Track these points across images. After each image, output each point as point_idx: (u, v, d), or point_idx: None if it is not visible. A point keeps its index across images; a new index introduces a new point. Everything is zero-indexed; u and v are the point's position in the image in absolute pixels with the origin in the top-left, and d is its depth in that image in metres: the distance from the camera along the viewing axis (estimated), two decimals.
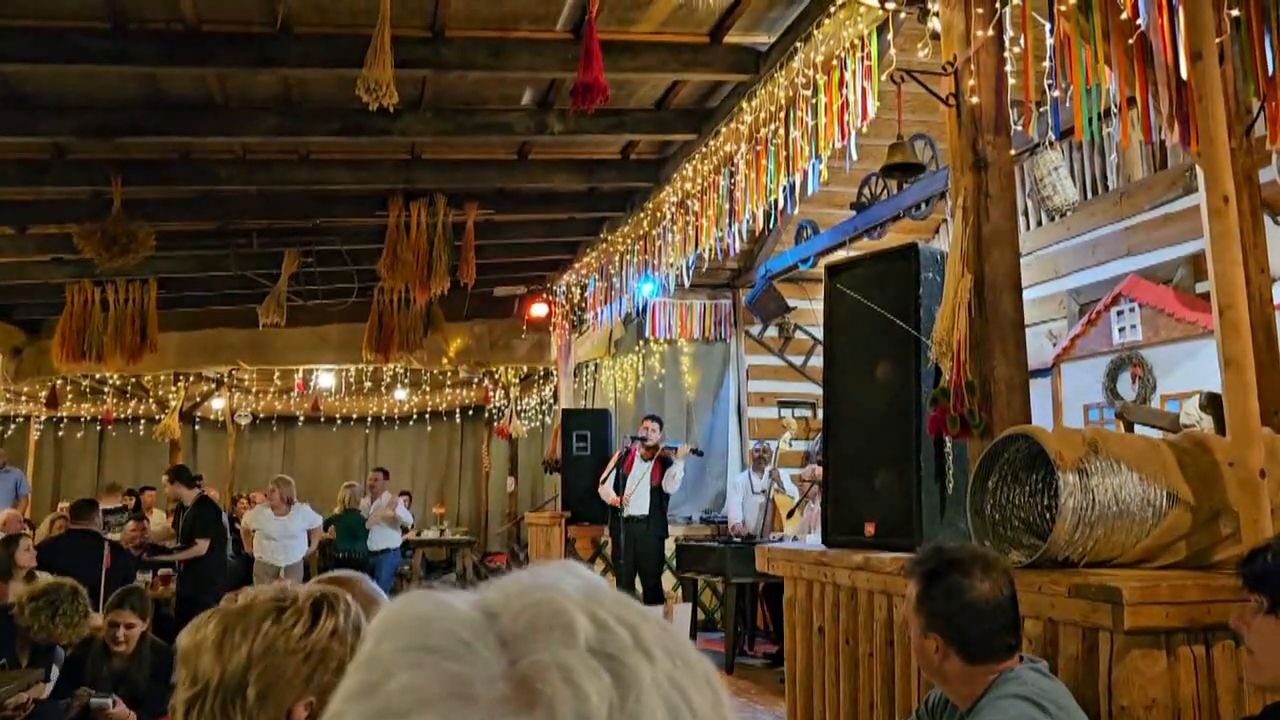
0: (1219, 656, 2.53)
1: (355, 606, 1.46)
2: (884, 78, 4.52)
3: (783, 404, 10.58)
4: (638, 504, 8.32)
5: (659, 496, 8.35)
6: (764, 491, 8.47)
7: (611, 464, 8.78)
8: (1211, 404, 3.56)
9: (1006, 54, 3.63)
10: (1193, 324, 6.19)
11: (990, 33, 3.57)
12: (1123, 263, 7.15)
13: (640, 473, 8.39)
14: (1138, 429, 4.40)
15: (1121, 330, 6.73)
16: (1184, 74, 2.95)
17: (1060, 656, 2.65)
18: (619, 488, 8.41)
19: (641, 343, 10.74)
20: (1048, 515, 2.93)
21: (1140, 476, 2.75)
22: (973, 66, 3.57)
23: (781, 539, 7.68)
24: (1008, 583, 2.36)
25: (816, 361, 9.83)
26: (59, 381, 12.34)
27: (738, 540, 8.03)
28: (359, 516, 11.43)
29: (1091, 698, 2.50)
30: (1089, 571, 2.72)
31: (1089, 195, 7.46)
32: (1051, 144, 6.08)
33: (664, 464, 8.36)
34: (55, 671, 4.57)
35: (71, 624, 4.52)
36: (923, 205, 6.76)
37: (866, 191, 7.51)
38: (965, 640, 2.31)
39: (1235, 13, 3.30)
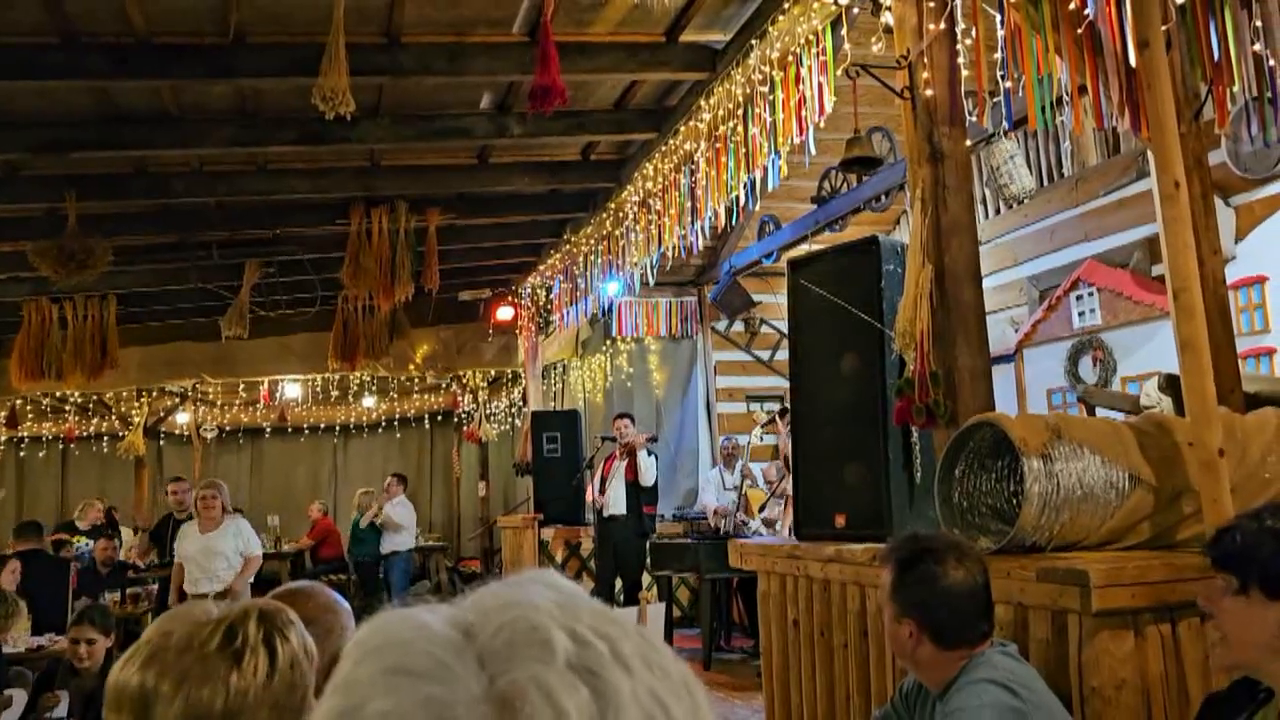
0: (1185, 634, 2.57)
1: (299, 624, 1.37)
2: (839, 72, 4.56)
3: (750, 398, 10.62)
4: (616, 503, 8.33)
5: (636, 492, 8.35)
6: (736, 488, 8.50)
7: (585, 469, 8.80)
8: (1170, 385, 3.61)
9: (959, 46, 3.67)
10: (1150, 306, 6.29)
11: (942, 25, 3.61)
12: (1080, 248, 7.26)
13: (616, 470, 8.40)
14: (1099, 412, 4.45)
15: (1081, 315, 6.82)
16: (1133, 61, 2.99)
17: (1030, 640, 2.68)
18: (602, 490, 8.44)
19: (609, 342, 10.75)
20: (1014, 501, 2.96)
21: (1103, 459, 2.79)
22: (926, 59, 3.61)
23: (747, 523, 7.77)
24: (981, 570, 2.39)
25: (783, 355, 9.85)
26: (18, 401, 12.14)
27: (724, 530, 8.07)
28: (371, 524, 11.56)
29: (1062, 680, 2.53)
30: (1056, 556, 2.76)
31: (1045, 182, 7.55)
32: (1006, 133, 6.14)
33: (635, 456, 8.38)
34: (23, 695, 4.52)
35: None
36: (882, 197, 6.80)
37: (826, 185, 7.55)
38: (938, 625, 2.34)
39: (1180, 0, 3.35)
